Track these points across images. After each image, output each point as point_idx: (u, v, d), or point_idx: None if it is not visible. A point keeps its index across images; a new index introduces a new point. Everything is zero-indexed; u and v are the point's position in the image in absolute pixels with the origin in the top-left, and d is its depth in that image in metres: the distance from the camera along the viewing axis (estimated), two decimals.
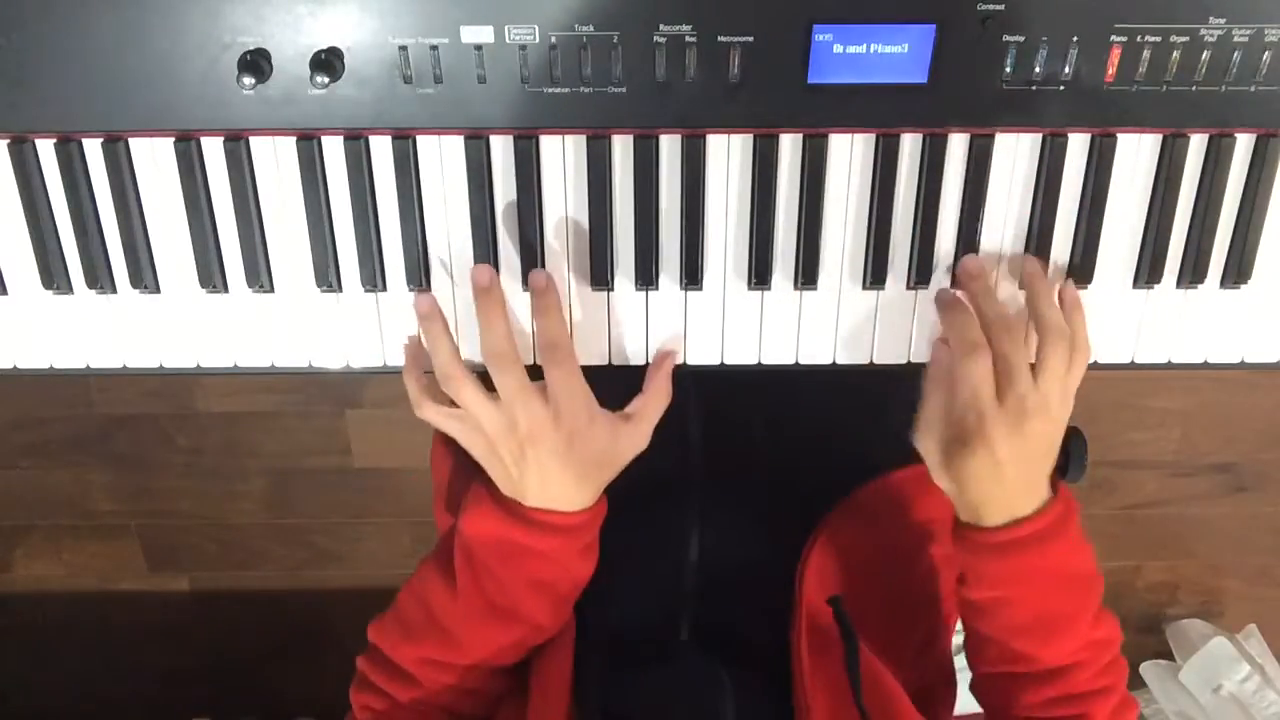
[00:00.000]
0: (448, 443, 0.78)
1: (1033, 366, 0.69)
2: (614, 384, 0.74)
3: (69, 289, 0.73)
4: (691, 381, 0.89)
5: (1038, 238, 0.72)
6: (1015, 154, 0.71)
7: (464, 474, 0.82)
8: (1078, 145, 0.70)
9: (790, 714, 0.70)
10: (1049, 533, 0.71)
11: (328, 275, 0.72)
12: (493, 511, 0.71)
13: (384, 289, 0.73)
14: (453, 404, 0.70)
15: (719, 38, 0.65)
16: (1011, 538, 0.71)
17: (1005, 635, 0.75)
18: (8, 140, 0.70)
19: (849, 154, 0.70)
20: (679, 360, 0.75)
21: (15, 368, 0.76)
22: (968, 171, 0.71)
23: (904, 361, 0.75)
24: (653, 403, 0.73)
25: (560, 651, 0.74)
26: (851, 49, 0.66)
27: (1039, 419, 0.68)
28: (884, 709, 0.71)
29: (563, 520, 0.70)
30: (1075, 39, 0.66)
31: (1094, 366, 0.72)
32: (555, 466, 0.69)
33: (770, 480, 0.88)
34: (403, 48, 0.66)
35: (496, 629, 0.73)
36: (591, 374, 0.75)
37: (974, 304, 0.72)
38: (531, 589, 0.72)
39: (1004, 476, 0.69)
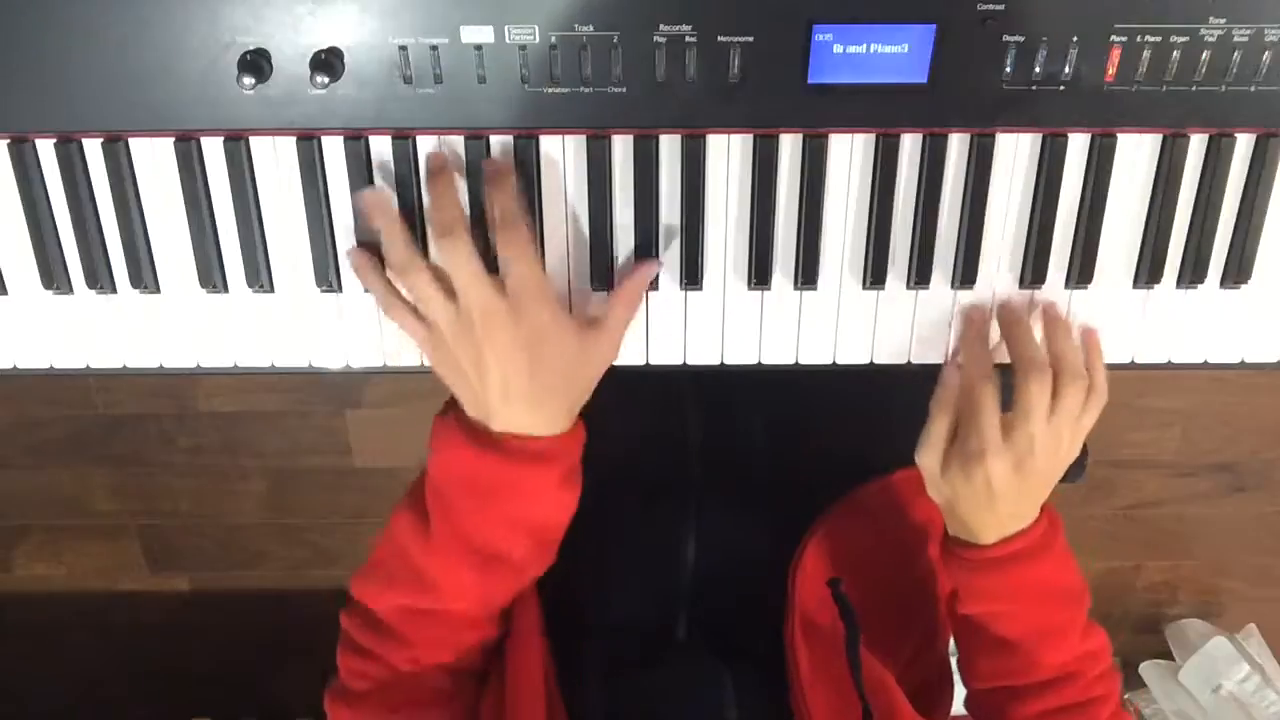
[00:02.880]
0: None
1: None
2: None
3: (69, 289, 0.73)
4: (690, 382, 0.89)
5: (1038, 238, 0.72)
6: (1015, 154, 0.71)
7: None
8: (1078, 145, 0.70)
9: (789, 712, 0.70)
10: (1037, 548, 0.72)
11: (328, 275, 0.72)
12: (461, 442, 0.66)
13: None
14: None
15: (719, 38, 0.65)
16: (1001, 554, 0.72)
17: (998, 649, 0.75)
18: (8, 140, 0.70)
19: (849, 154, 0.70)
20: (659, 268, 0.71)
21: (15, 368, 0.76)
22: (968, 171, 0.71)
23: (904, 361, 0.75)
24: (619, 309, 0.69)
25: (528, 647, 0.72)
26: (851, 49, 0.66)
27: (1044, 458, 0.69)
28: (883, 704, 0.72)
29: (536, 445, 0.66)
30: (1075, 39, 0.66)
31: None
32: (520, 374, 0.64)
33: (768, 480, 0.88)
34: (403, 48, 0.66)
35: (478, 573, 0.69)
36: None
37: (1008, 339, 0.71)
38: (512, 529, 0.68)
39: (996, 505, 0.70)
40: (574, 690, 0.72)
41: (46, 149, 0.70)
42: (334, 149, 0.70)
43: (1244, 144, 0.71)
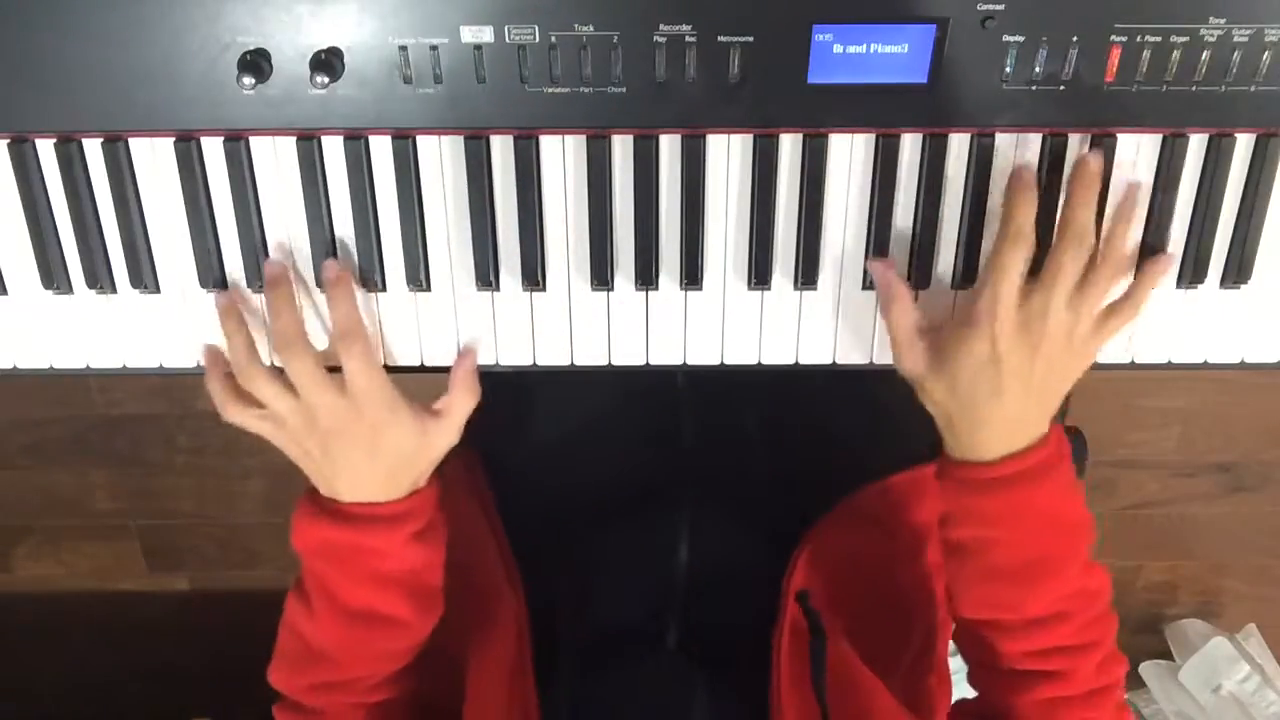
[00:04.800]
0: None
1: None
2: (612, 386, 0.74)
3: (69, 289, 0.73)
4: (686, 383, 0.89)
5: (1038, 237, 0.72)
6: (1015, 154, 0.70)
7: None
8: (1078, 145, 0.70)
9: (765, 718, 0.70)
10: (1040, 470, 0.69)
11: None
12: (314, 516, 0.71)
13: (383, 290, 0.73)
14: (259, 405, 0.71)
15: (719, 38, 0.65)
16: (1002, 473, 0.69)
17: (989, 579, 0.72)
18: (8, 140, 0.70)
19: (849, 154, 0.70)
20: (479, 358, 0.74)
21: (15, 368, 0.76)
22: (968, 171, 0.71)
23: None
24: (458, 400, 0.72)
25: (503, 645, 0.74)
26: (851, 49, 0.66)
27: (1056, 340, 0.66)
28: (854, 707, 0.71)
29: (384, 510, 0.71)
30: (1075, 39, 0.66)
31: (1094, 367, 0.72)
32: (363, 461, 0.69)
33: (764, 483, 0.88)
34: (403, 48, 0.66)
35: (363, 636, 0.73)
36: (588, 379, 0.74)
37: (1069, 202, 0.68)
38: (378, 587, 0.72)
39: (1001, 384, 0.66)
40: (549, 690, 0.72)
41: (46, 149, 0.70)
42: (334, 149, 0.70)
43: (1244, 144, 0.71)
